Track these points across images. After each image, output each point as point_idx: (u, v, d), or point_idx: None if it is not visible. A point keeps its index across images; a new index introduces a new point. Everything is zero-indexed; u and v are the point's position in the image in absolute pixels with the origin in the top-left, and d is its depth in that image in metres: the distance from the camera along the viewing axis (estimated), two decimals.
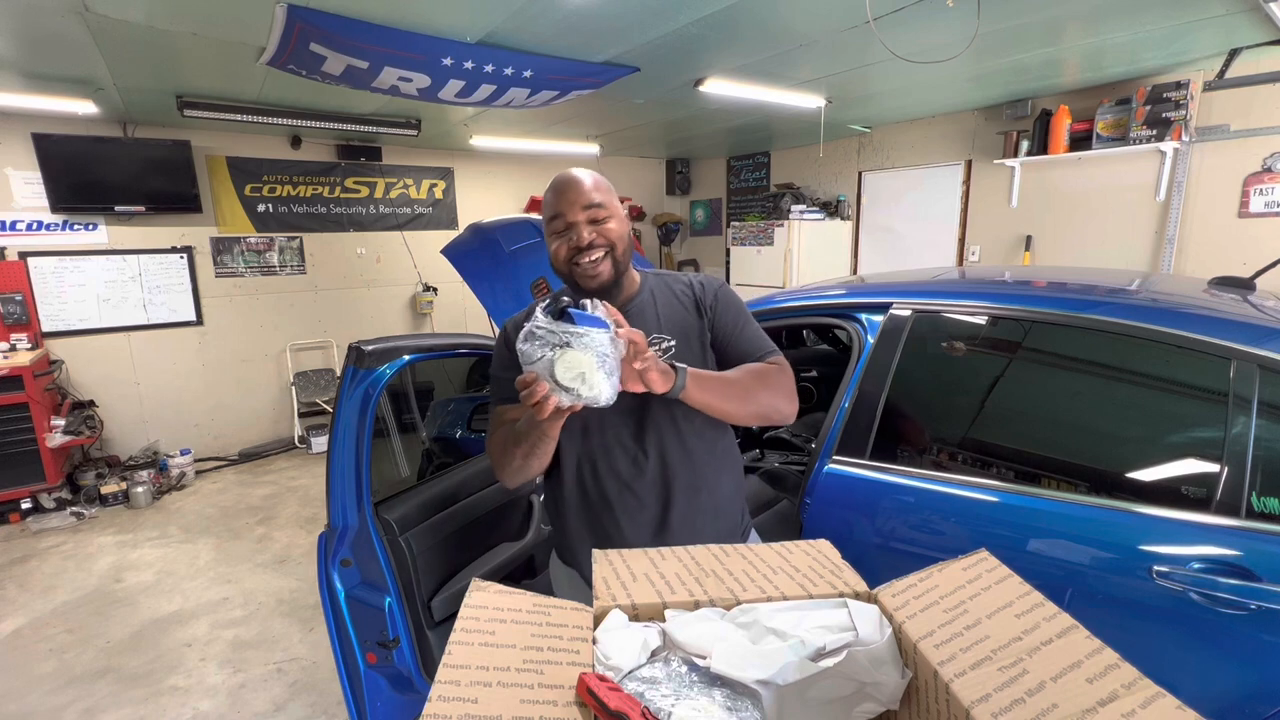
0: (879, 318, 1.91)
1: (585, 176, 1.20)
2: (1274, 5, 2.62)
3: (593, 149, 6.05)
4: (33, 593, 3.30)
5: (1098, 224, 4.34)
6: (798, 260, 5.67)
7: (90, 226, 4.67)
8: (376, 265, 6.02)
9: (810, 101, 4.32)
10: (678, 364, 1.09)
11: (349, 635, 1.60)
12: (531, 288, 2.72)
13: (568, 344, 0.92)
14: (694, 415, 1.20)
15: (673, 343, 1.21)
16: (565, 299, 0.98)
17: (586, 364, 0.93)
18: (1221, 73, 3.48)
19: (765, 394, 1.17)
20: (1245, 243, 3.74)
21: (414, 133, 4.92)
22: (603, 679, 0.62)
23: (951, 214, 5.16)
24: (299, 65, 3.07)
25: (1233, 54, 3.38)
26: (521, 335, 0.95)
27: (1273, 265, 2.20)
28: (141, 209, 4.68)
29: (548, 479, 1.34)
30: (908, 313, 1.87)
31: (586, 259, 1.17)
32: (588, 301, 0.99)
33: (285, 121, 4.46)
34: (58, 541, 3.90)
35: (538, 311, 0.96)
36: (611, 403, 0.96)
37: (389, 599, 1.60)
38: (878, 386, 1.80)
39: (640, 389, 1.04)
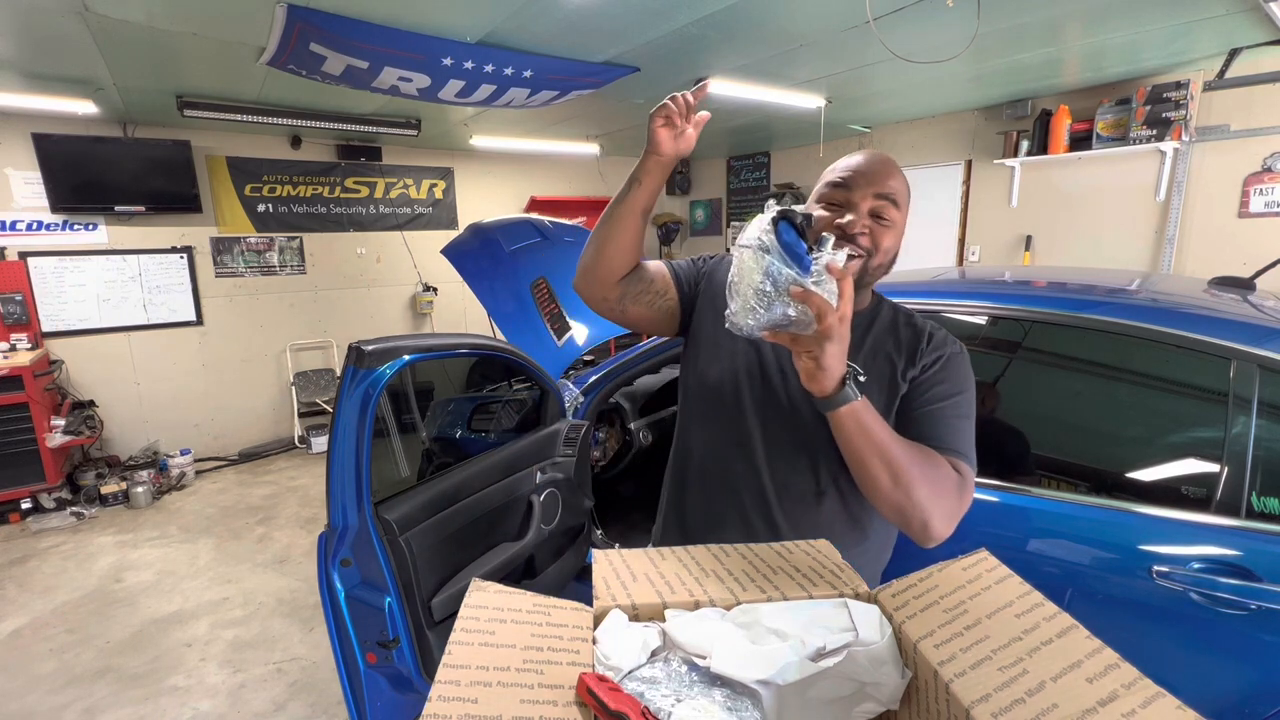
0: None
1: (897, 170, 1.03)
2: (1274, 5, 2.62)
3: (593, 149, 6.05)
4: (33, 593, 3.30)
5: (1098, 224, 4.34)
6: None
7: (90, 226, 4.67)
8: (376, 265, 6.02)
9: (810, 101, 4.32)
10: (859, 379, 0.89)
11: (349, 635, 1.60)
12: (531, 287, 2.72)
13: (757, 246, 0.81)
14: (840, 472, 1.03)
15: (863, 376, 0.95)
16: (801, 212, 0.83)
17: (745, 277, 0.82)
18: (1221, 73, 3.48)
19: (922, 488, 0.90)
20: (1245, 243, 3.74)
21: (414, 133, 4.92)
22: (603, 679, 0.62)
23: (951, 214, 5.16)
24: (299, 65, 3.07)
25: (1233, 54, 3.38)
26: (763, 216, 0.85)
27: (1273, 265, 2.20)
28: (141, 209, 4.68)
29: (672, 456, 1.23)
30: None
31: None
32: (829, 238, 0.83)
33: (285, 121, 4.46)
34: (58, 541, 3.90)
35: (773, 205, 0.85)
36: (741, 332, 0.84)
37: (389, 599, 1.59)
38: None
39: (805, 368, 0.86)
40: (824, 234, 0.85)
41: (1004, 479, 1.63)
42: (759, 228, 0.83)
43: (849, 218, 1.00)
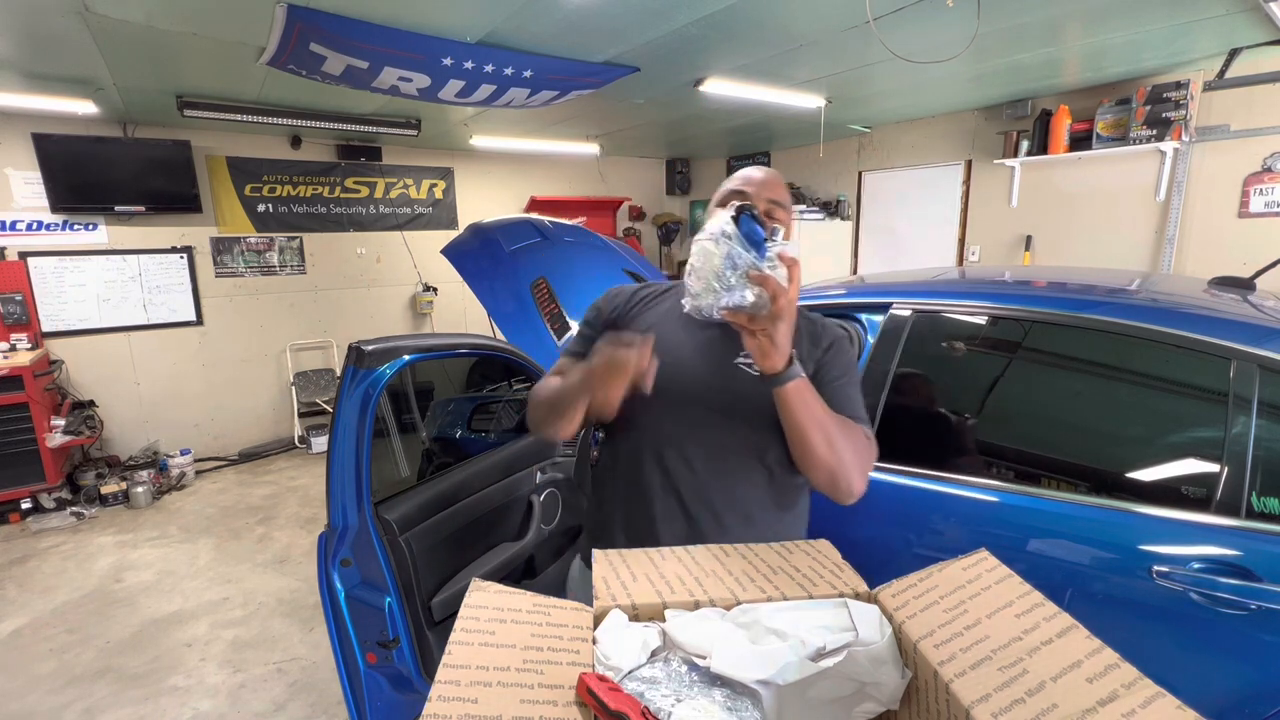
0: (879, 318, 1.91)
1: (784, 183, 1.22)
2: (1274, 5, 2.62)
3: (593, 149, 6.05)
4: (33, 593, 3.30)
5: (1098, 224, 4.34)
6: None
7: (90, 226, 4.67)
8: (376, 265, 6.02)
9: (810, 101, 4.32)
10: (797, 361, 1.00)
11: (349, 635, 1.60)
12: (531, 288, 2.72)
13: (720, 235, 0.92)
14: (777, 451, 1.12)
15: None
16: (749, 205, 0.95)
17: (707, 263, 0.91)
18: (1221, 73, 3.48)
19: (848, 451, 1.04)
20: (1245, 243, 3.74)
21: (414, 133, 4.92)
22: (603, 679, 0.62)
23: (951, 214, 5.16)
24: (299, 65, 3.07)
25: (1233, 54, 3.38)
26: (725, 212, 0.95)
27: (1273, 265, 2.20)
28: (141, 209, 4.68)
29: (602, 449, 1.30)
30: (908, 313, 1.87)
31: None
32: (780, 229, 0.95)
33: (285, 121, 4.46)
34: (58, 541, 3.90)
35: (733, 206, 0.95)
36: (701, 314, 0.95)
37: (389, 599, 1.60)
38: (878, 387, 1.80)
39: (759, 348, 0.95)
40: (775, 226, 0.95)
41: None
42: (722, 220, 0.92)
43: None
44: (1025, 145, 4.44)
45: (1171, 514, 1.40)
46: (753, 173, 1.20)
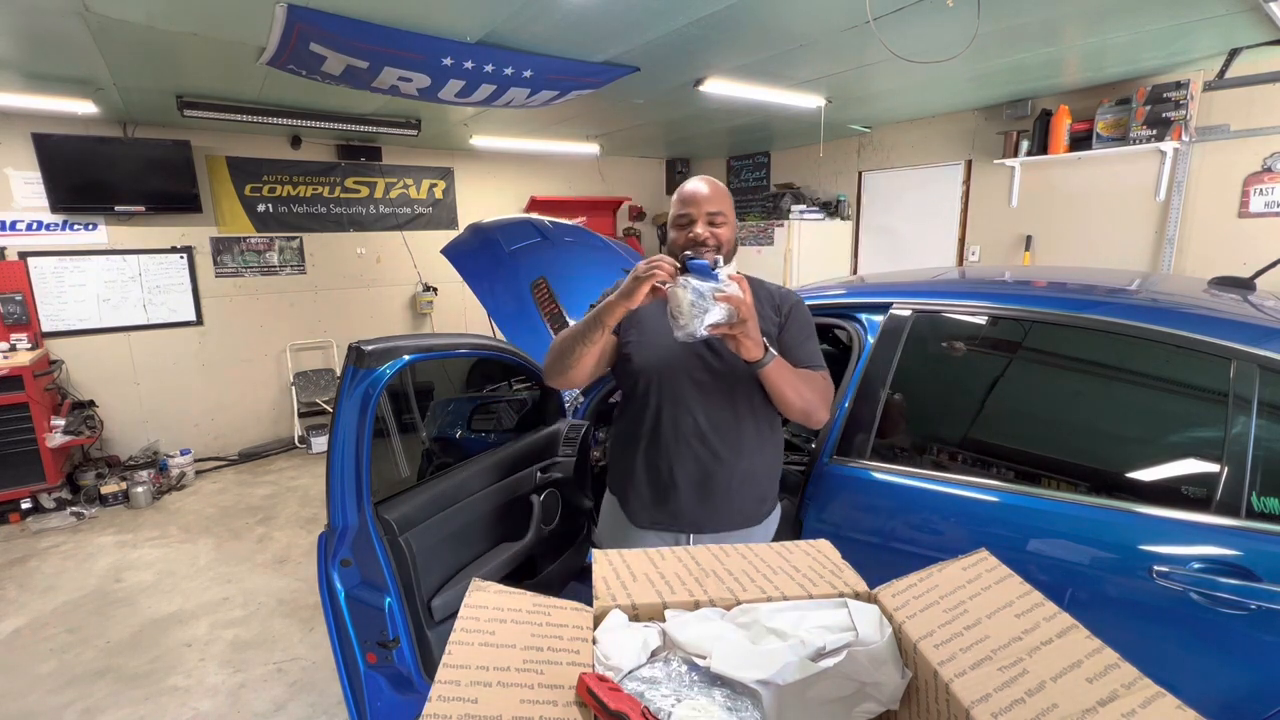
0: (879, 318, 1.91)
1: (709, 187, 1.47)
2: (1274, 5, 2.62)
3: (593, 149, 6.05)
4: (33, 593, 3.30)
5: (1098, 224, 4.34)
6: (798, 260, 5.67)
7: (90, 226, 4.67)
8: (376, 265, 6.02)
9: (810, 101, 4.32)
10: (770, 346, 1.31)
11: (349, 635, 1.60)
12: (531, 287, 2.72)
13: (679, 282, 1.21)
14: (758, 399, 1.46)
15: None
16: (690, 254, 1.27)
17: (682, 301, 1.20)
18: (1221, 73, 3.48)
19: (813, 396, 1.40)
20: (1245, 243, 3.74)
21: (414, 133, 4.92)
22: (603, 679, 0.62)
23: (951, 214, 5.16)
24: (299, 65, 3.07)
25: (1233, 54, 3.38)
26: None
27: (1273, 265, 2.20)
28: (141, 209, 4.68)
29: (621, 412, 1.61)
30: (908, 313, 1.87)
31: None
32: (719, 258, 1.30)
33: (285, 121, 4.46)
34: (58, 541, 3.90)
35: (681, 259, 1.27)
36: (693, 339, 1.21)
37: (389, 599, 1.59)
38: (878, 386, 1.80)
39: (739, 346, 1.26)
40: (716, 258, 1.28)
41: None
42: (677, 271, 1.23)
43: (696, 231, 1.43)
44: (1025, 145, 4.44)
45: (1171, 514, 1.40)
46: (697, 188, 1.46)
